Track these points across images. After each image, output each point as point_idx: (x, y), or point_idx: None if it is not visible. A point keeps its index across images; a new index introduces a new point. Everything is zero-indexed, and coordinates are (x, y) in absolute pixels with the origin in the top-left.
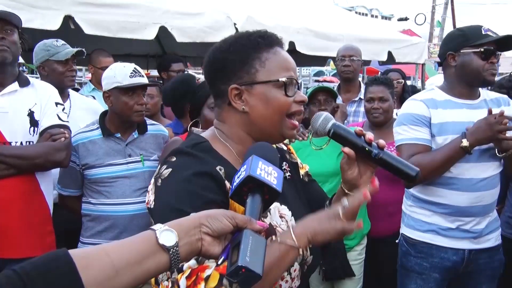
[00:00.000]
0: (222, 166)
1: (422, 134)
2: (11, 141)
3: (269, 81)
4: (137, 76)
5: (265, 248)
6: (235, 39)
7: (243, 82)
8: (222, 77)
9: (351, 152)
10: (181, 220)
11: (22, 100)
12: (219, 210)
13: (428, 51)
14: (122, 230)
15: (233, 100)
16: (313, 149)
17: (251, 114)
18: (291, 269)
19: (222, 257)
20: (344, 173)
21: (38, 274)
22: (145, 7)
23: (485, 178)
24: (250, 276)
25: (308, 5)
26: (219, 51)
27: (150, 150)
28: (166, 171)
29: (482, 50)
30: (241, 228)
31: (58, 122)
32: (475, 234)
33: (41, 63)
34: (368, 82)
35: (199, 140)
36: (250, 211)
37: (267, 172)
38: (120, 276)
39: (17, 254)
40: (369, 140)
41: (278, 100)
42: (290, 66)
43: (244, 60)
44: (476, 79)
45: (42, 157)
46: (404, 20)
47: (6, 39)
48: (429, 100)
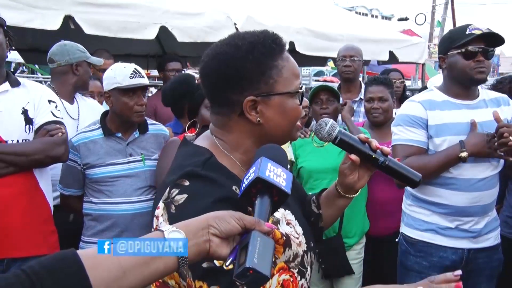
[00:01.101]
0: (237, 186)
1: (417, 136)
2: (7, 140)
3: (288, 92)
4: (137, 77)
5: (273, 250)
6: (250, 46)
7: (260, 93)
8: (235, 86)
9: (357, 159)
10: (189, 221)
11: (15, 99)
12: (227, 212)
13: (428, 51)
14: (123, 229)
15: (248, 112)
16: (315, 147)
17: (265, 125)
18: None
19: (230, 258)
20: (344, 178)
21: (47, 273)
22: (145, 7)
23: (483, 178)
24: (258, 278)
25: (308, 5)
26: (233, 58)
27: (151, 150)
28: (180, 197)
29: (463, 51)
30: (249, 229)
31: (53, 118)
32: (474, 234)
33: (77, 61)
34: (368, 82)
35: (203, 154)
36: (259, 213)
37: (276, 173)
38: (128, 276)
39: (21, 253)
40: (375, 147)
41: (294, 110)
42: (299, 72)
43: (263, 70)
44: (465, 79)
45: (41, 153)
46: (404, 20)
47: None
48: (427, 101)
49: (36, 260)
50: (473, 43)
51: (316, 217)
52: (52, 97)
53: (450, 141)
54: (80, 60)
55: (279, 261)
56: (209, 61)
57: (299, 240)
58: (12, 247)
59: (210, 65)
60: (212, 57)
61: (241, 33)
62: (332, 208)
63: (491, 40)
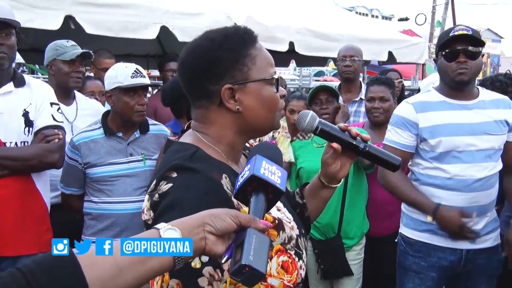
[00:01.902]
0: (226, 174)
1: (403, 139)
2: (6, 142)
3: (263, 78)
4: (139, 76)
5: (269, 247)
6: (223, 37)
7: (236, 81)
8: (211, 77)
9: (339, 147)
10: (184, 219)
11: (17, 100)
12: (222, 209)
13: (429, 51)
14: (123, 229)
15: (227, 101)
16: (315, 147)
17: (244, 113)
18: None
19: (225, 256)
20: (327, 167)
21: (42, 271)
22: (146, 7)
23: (481, 178)
24: (254, 275)
25: (308, 5)
26: (207, 50)
27: (152, 150)
28: (165, 186)
29: (443, 53)
30: (245, 227)
31: (52, 122)
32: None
33: (49, 62)
34: (369, 82)
35: (190, 149)
36: (254, 210)
37: (271, 171)
38: (124, 275)
39: (11, 252)
40: (355, 134)
41: (271, 98)
42: (273, 62)
43: (237, 58)
44: (448, 80)
45: (35, 159)
46: (405, 20)
47: (4, 44)
48: (420, 103)
49: (32, 259)
50: (456, 44)
51: (301, 207)
52: (54, 99)
53: (445, 142)
54: (52, 59)
55: (275, 243)
56: (186, 56)
57: (291, 224)
58: (3, 246)
59: (187, 60)
60: (188, 52)
61: (215, 29)
62: (317, 199)
63: (476, 40)
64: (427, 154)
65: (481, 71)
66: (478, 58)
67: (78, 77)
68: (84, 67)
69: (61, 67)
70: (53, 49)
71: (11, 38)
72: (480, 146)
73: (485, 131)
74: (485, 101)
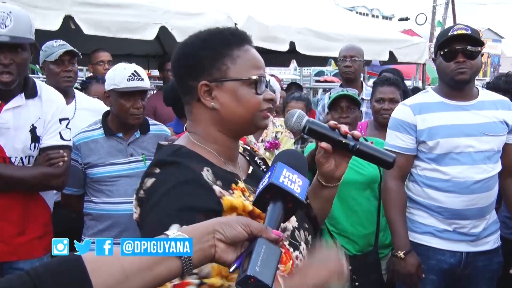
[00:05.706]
0: (209, 167)
1: (404, 143)
2: (11, 156)
3: (240, 78)
4: (135, 79)
5: (279, 258)
6: (207, 35)
7: (213, 78)
8: (191, 73)
9: (329, 147)
10: (194, 226)
11: (26, 115)
12: (234, 217)
13: (429, 51)
14: (123, 229)
15: (203, 97)
16: None
17: (221, 111)
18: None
19: (234, 264)
20: (321, 167)
21: (49, 276)
22: (146, 7)
23: (479, 180)
24: (259, 286)
25: (308, 5)
26: (190, 47)
27: (152, 150)
28: (150, 181)
29: (442, 53)
30: (256, 236)
31: (59, 142)
32: (473, 237)
33: (42, 64)
34: (378, 82)
35: (175, 147)
36: (269, 219)
37: (291, 180)
38: (130, 281)
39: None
40: (344, 132)
41: (248, 98)
42: (260, 65)
43: (216, 57)
44: (447, 80)
45: (38, 182)
46: (405, 20)
47: (14, 62)
48: (417, 105)
49: (41, 263)
50: (454, 44)
51: (306, 207)
52: (65, 114)
53: (443, 143)
54: (42, 61)
55: None
56: (175, 54)
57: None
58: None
59: (175, 57)
60: (177, 50)
61: (207, 28)
62: (319, 200)
63: (476, 40)
64: (425, 156)
65: (480, 70)
66: (477, 58)
67: (68, 76)
68: (75, 66)
69: (51, 68)
70: (43, 51)
71: (23, 54)
72: (479, 148)
73: (483, 132)
74: (484, 101)
